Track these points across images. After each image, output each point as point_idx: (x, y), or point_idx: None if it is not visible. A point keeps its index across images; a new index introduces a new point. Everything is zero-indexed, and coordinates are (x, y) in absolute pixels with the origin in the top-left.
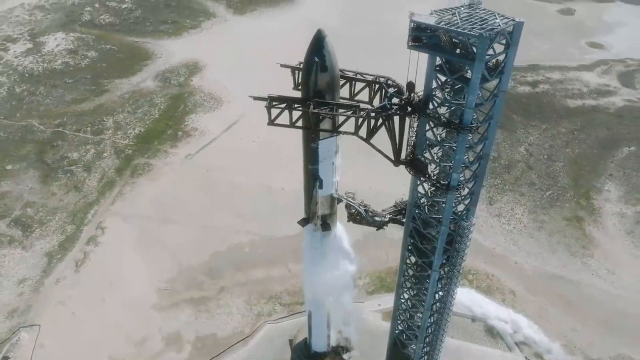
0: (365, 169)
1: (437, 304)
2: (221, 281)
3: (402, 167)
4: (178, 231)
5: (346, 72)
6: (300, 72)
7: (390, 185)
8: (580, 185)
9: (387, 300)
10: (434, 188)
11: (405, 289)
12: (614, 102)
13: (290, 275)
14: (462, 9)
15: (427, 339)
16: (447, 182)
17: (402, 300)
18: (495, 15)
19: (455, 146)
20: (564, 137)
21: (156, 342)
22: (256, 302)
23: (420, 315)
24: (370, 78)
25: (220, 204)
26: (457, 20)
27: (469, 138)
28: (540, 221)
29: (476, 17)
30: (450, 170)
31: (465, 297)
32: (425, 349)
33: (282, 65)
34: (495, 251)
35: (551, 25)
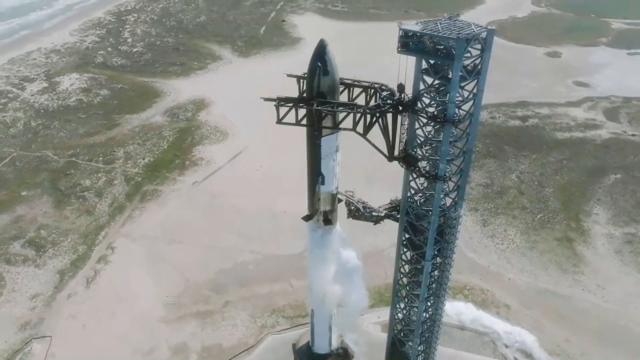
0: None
1: (432, 299)
2: (226, 296)
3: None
4: (185, 251)
5: (345, 80)
6: (305, 81)
7: None
8: (570, 209)
9: (386, 313)
10: (424, 180)
11: (401, 286)
12: (600, 134)
13: (292, 291)
14: (443, 20)
15: (424, 335)
16: (435, 173)
17: (399, 297)
18: (471, 25)
19: (441, 140)
20: (553, 165)
21: (163, 352)
22: (260, 315)
23: (416, 310)
24: (366, 84)
25: (225, 227)
26: (438, 28)
27: (454, 133)
28: (532, 241)
29: (455, 26)
30: (438, 162)
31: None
32: (421, 346)
33: (289, 75)
34: (489, 269)
35: (539, 66)
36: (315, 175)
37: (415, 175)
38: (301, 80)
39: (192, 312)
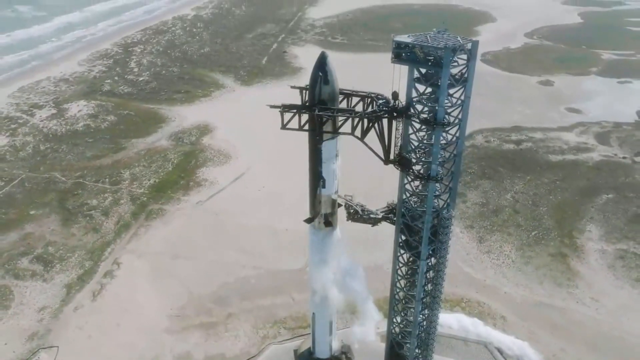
0: None
1: (427, 298)
2: (229, 308)
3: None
4: (188, 266)
5: (344, 90)
6: (307, 91)
7: None
8: (564, 226)
9: (385, 324)
10: (418, 182)
11: (399, 289)
12: (592, 157)
13: (294, 303)
14: (432, 33)
15: (421, 337)
16: (428, 174)
17: (397, 300)
18: (457, 38)
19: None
20: (547, 186)
21: None
22: (262, 326)
23: (413, 311)
24: (363, 94)
25: (228, 243)
26: (428, 40)
27: (444, 136)
28: (527, 257)
29: (443, 38)
30: (431, 163)
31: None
32: (419, 347)
33: (292, 87)
34: (485, 283)
35: (533, 94)
36: (317, 179)
37: (410, 178)
38: (304, 91)
39: (196, 323)
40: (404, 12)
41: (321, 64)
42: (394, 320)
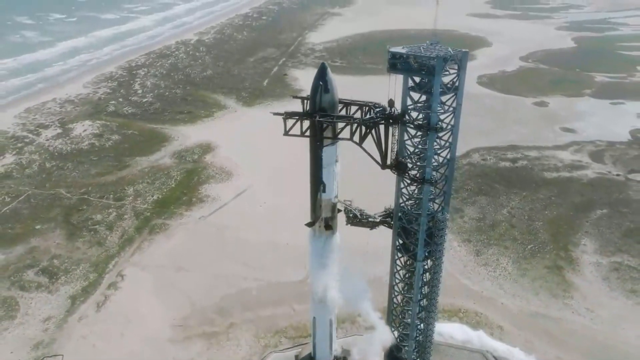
0: None
1: (424, 301)
2: (231, 318)
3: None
4: (191, 278)
5: (344, 100)
6: (308, 101)
7: None
8: (559, 240)
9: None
10: (414, 185)
11: (397, 292)
12: (586, 174)
13: (294, 314)
14: (425, 45)
15: (418, 338)
16: (423, 177)
17: (395, 304)
18: (448, 49)
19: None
20: (542, 202)
21: None
22: (263, 336)
23: (411, 312)
24: (361, 103)
25: (230, 257)
26: (421, 50)
27: (438, 142)
28: (523, 269)
29: (435, 49)
30: (425, 167)
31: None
32: (417, 350)
33: (294, 97)
34: (483, 294)
35: (528, 114)
36: (317, 183)
37: (406, 182)
38: (305, 101)
39: (198, 332)
40: (401, 37)
41: (322, 74)
42: (393, 323)
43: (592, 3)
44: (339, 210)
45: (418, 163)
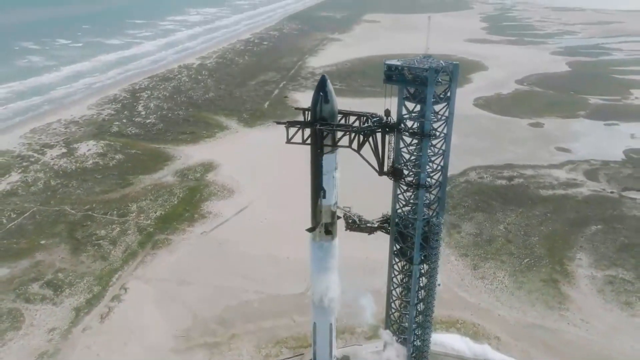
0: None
1: (421, 304)
2: (232, 329)
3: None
4: (193, 290)
5: (342, 110)
6: (309, 112)
7: None
8: (555, 254)
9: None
10: (410, 191)
11: (394, 298)
12: (581, 191)
13: (295, 325)
14: (418, 58)
15: (416, 342)
16: (418, 182)
17: (393, 309)
18: (440, 61)
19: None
20: (538, 218)
21: None
22: (264, 346)
23: (408, 316)
24: (359, 113)
25: (231, 270)
26: (415, 63)
27: (432, 148)
28: (519, 282)
29: (428, 62)
30: (420, 172)
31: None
32: (414, 354)
33: (296, 109)
34: (480, 306)
35: (524, 135)
36: (318, 190)
37: (403, 188)
38: (306, 112)
39: (200, 343)
40: None
41: (322, 86)
42: (391, 328)
43: (586, 30)
44: (339, 217)
45: (413, 169)
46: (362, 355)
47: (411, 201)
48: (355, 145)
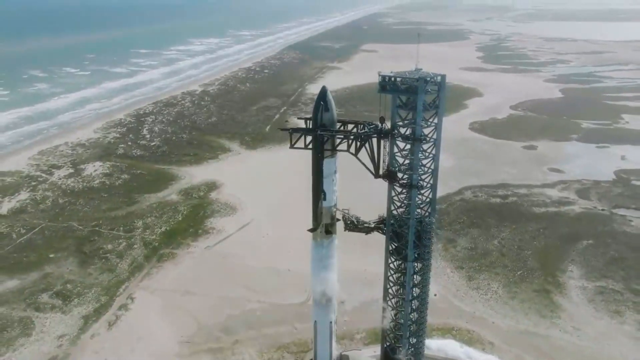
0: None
1: (416, 301)
2: (235, 336)
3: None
4: (197, 300)
5: (341, 119)
6: (310, 121)
7: None
8: (547, 267)
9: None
10: (404, 193)
11: (391, 295)
12: (573, 209)
13: (296, 332)
14: (410, 71)
15: (411, 340)
16: (410, 183)
17: (390, 307)
18: (429, 73)
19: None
20: (531, 233)
21: None
22: (267, 351)
23: (404, 313)
24: (357, 121)
25: (234, 282)
26: (407, 74)
27: (423, 151)
28: (513, 292)
29: (418, 74)
30: (412, 174)
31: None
32: (410, 350)
33: (299, 118)
34: (475, 314)
35: (518, 157)
36: (318, 192)
37: (397, 190)
38: (307, 121)
39: (204, 348)
40: None
41: (322, 96)
42: (389, 326)
43: (579, 58)
44: (338, 220)
45: (407, 172)
46: (361, 359)
47: (405, 202)
48: (352, 150)
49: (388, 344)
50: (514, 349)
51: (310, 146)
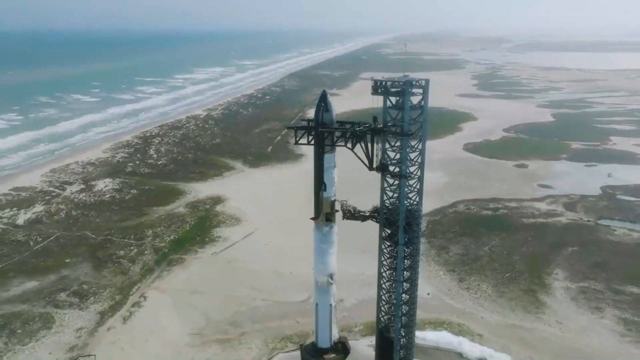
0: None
1: (407, 283)
2: (242, 329)
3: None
4: (206, 298)
5: (339, 121)
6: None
7: None
8: (534, 270)
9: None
10: (395, 183)
11: (385, 279)
12: (560, 220)
13: (299, 325)
14: (399, 76)
15: (403, 320)
16: (400, 173)
17: (384, 290)
18: (415, 78)
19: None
20: (520, 241)
21: None
22: (271, 341)
23: (395, 293)
24: (353, 121)
25: (240, 283)
26: (396, 79)
27: (411, 146)
28: (501, 292)
29: (405, 77)
30: (401, 165)
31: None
32: (403, 330)
33: (302, 120)
34: (465, 310)
35: (509, 174)
36: (320, 184)
37: (389, 181)
38: (310, 122)
39: (213, 339)
40: None
41: (323, 98)
42: (382, 308)
43: (571, 86)
44: (337, 211)
45: (397, 165)
46: (358, 348)
47: (396, 191)
48: (349, 145)
49: (382, 325)
50: (501, 340)
51: (312, 142)
